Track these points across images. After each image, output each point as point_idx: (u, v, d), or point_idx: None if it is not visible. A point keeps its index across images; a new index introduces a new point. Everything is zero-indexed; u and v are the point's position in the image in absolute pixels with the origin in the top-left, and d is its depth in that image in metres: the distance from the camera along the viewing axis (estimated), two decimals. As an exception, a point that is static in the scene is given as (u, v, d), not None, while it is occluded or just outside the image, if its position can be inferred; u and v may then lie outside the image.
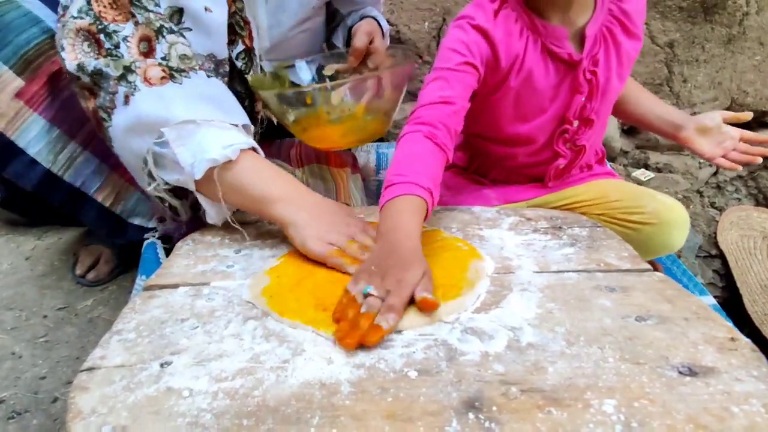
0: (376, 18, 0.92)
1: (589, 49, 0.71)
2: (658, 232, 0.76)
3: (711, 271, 1.27)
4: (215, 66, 0.70)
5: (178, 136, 0.62)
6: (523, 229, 0.69)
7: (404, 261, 0.52)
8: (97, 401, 0.40)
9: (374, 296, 0.48)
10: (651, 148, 1.51)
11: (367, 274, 0.51)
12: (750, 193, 1.50)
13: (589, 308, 0.51)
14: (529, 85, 0.73)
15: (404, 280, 0.49)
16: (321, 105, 0.79)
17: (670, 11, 1.35)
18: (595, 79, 0.73)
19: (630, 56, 0.75)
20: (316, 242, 0.60)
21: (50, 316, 0.88)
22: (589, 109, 0.75)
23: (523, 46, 0.71)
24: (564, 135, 0.77)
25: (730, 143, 0.79)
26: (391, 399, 0.39)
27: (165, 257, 0.86)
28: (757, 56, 1.40)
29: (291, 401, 0.39)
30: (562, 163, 0.81)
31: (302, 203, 0.64)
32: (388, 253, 0.53)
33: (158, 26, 0.63)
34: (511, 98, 0.74)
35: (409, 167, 0.62)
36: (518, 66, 0.71)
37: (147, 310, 0.52)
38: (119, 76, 0.62)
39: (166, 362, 0.44)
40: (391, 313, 0.46)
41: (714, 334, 0.46)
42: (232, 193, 0.64)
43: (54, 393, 0.72)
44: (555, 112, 0.75)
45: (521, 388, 0.40)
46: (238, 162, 0.63)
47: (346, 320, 0.47)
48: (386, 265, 0.51)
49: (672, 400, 0.38)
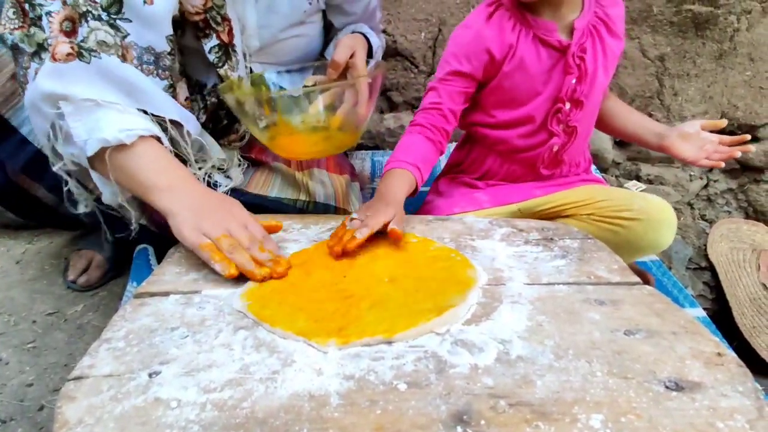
0: (365, 33, 0.92)
1: (577, 38, 0.78)
2: (648, 228, 0.78)
3: (701, 283, 1.28)
4: (155, 59, 0.68)
5: (75, 110, 0.62)
6: (515, 240, 0.70)
7: (385, 203, 0.70)
8: (84, 411, 0.39)
9: (356, 219, 0.66)
10: (642, 160, 1.53)
11: (361, 212, 0.68)
12: (740, 206, 1.52)
13: (578, 321, 0.51)
14: (523, 70, 0.80)
15: (380, 211, 0.67)
16: (295, 114, 0.78)
17: (661, 25, 1.37)
18: (583, 64, 0.79)
19: (614, 52, 0.83)
20: (190, 231, 0.60)
21: (39, 321, 0.87)
22: (579, 92, 0.81)
23: (515, 37, 0.79)
24: (557, 115, 0.83)
25: (711, 146, 0.85)
26: (380, 411, 0.39)
27: (157, 263, 0.86)
28: (747, 72, 1.42)
29: (280, 413, 0.39)
30: (557, 143, 0.85)
31: (186, 193, 0.64)
32: (376, 200, 0.72)
33: (84, 10, 0.63)
34: (506, 83, 0.81)
35: (402, 153, 0.79)
36: (511, 54, 0.79)
37: (137, 318, 0.52)
38: (32, 53, 0.63)
39: (154, 372, 0.44)
40: (365, 228, 0.64)
41: (701, 349, 0.47)
42: (123, 177, 0.65)
43: (41, 401, 0.71)
44: (549, 94, 0.81)
45: (509, 401, 0.40)
46: (132, 147, 0.63)
47: (336, 237, 0.64)
48: (372, 205, 0.70)
49: (658, 415, 0.39)
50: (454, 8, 1.38)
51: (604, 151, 1.49)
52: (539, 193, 0.87)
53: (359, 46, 0.84)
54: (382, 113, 1.51)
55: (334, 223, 0.75)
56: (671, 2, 1.35)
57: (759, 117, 1.45)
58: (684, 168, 1.51)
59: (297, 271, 0.61)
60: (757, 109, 1.44)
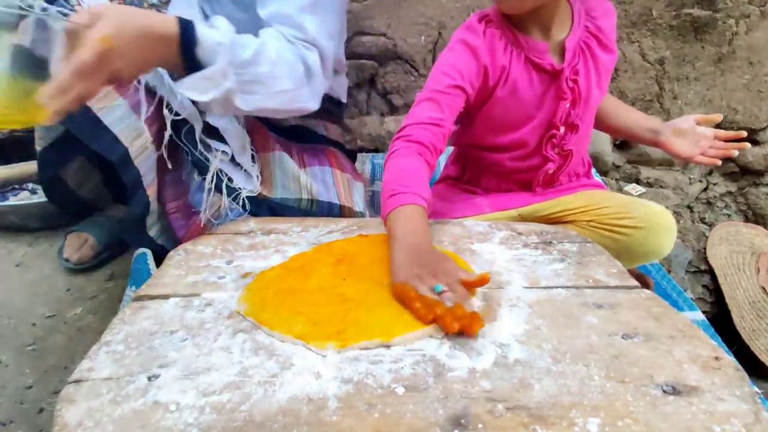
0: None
1: (569, 60, 0.77)
2: (648, 236, 0.78)
3: (700, 286, 1.28)
4: None
5: None
6: (514, 244, 0.70)
7: (438, 258, 0.59)
8: (83, 414, 0.39)
9: (446, 291, 0.53)
10: (642, 163, 1.53)
11: (418, 278, 0.55)
12: (740, 209, 1.52)
13: (576, 325, 0.51)
14: (515, 95, 0.78)
15: (451, 273, 0.55)
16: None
17: (661, 29, 1.38)
18: (577, 87, 0.78)
19: (607, 68, 0.81)
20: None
21: (39, 324, 0.88)
22: (573, 115, 0.80)
23: (508, 60, 0.76)
24: (552, 140, 0.82)
25: (706, 142, 0.83)
26: (378, 415, 0.40)
27: (155, 268, 0.86)
28: (746, 75, 1.42)
29: (278, 416, 0.39)
30: (551, 167, 0.85)
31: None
32: (420, 255, 0.59)
33: None
34: (499, 108, 0.79)
35: (410, 179, 0.67)
36: (504, 78, 0.77)
37: (136, 321, 0.52)
38: None
39: (153, 375, 0.44)
40: (467, 299, 0.53)
41: (699, 353, 0.47)
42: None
43: (40, 403, 0.71)
44: (542, 119, 0.80)
45: (507, 405, 0.40)
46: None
47: (444, 312, 0.49)
48: (428, 264, 0.57)
49: (655, 419, 0.39)
50: (453, 12, 1.39)
51: (604, 153, 1.49)
52: (539, 198, 0.87)
53: None
54: (383, 116, 1.52)
55: (333, 225, 0.76)
56: (670, 6, 1.35)
57: (758, 120, 1.45)
58: (684, 171, 1.51)
59: (295, 274, 0.61)
60: (757, 113, 1.45)
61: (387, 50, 1.42)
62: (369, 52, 1.43)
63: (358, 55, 1.44)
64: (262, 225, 0.76)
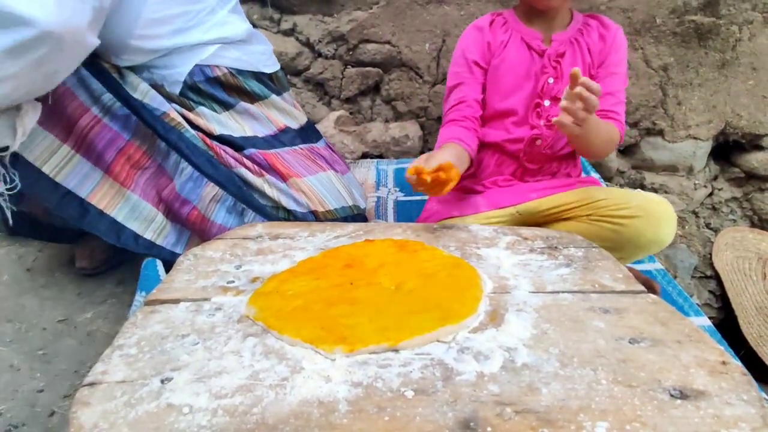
0: None
1: (555, 46, 0.88)
2: (647, 225, 0.79)
3: (707, 292, 1.27)
4: None
5: None
6: (520, 249, 0.70)
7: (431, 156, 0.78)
8: (98, 417, 0.40)
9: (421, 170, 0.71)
10: (647, 169, 1.53)
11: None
12: (745, 214, 1.52)
13: (583, 329, 0.52)
14: (506, 63, 0.90)
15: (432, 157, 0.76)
16: None
17: (665, 36, 1.39)
18: (560, 66, 0.88)
19: (602, 59, 0.90)
20: None
21: (49, 328, 0.89)
22: (557, 90, 0.88)
23: (507, 38, 0.91)
24: (537, 110, 0.89)
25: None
26: (388, 418, 0.40)
27: (165, 274, 0.87)
28: (750, 81, 1.43)
29: (290, 419, 0.40)
30: (538, 135, 0.90)
31: None
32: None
33: None
34: (494, 75, 0.91)
35: (442, 140, 0.87)
36: (500, 50, 0.91)
37: (148, 326, 0.53)
38: None
39: (166, 378, 0.45)
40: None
41: (706, 357, 0.47)
42: None
43: (51, 407, 0.72)
44: (529, 91, 0.90)
45: (515, 408, 0.41)
46: None
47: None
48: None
49: (663, 424, 0.39)
50: (458, 20, 1.40)
51: (609, 160, 1.50)
52: (535, 195, 0.89)
53: None
54: (387, 122, 1.53)
55: (340, 230, 0.76)
56: (674, 13, 1.36)
57: (763, 126, 1.45)
58: (688, 176, 1.52)
59: (304, 278, 0.62)
60: (761, 118, 1.45)
61: (392, 58, 1.44)
62: (374, 60, 1.45)
63: (363, 62, 1.45)
64: (269, 230, 0.77)
